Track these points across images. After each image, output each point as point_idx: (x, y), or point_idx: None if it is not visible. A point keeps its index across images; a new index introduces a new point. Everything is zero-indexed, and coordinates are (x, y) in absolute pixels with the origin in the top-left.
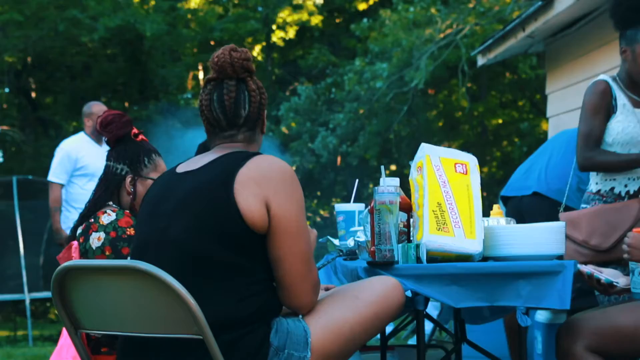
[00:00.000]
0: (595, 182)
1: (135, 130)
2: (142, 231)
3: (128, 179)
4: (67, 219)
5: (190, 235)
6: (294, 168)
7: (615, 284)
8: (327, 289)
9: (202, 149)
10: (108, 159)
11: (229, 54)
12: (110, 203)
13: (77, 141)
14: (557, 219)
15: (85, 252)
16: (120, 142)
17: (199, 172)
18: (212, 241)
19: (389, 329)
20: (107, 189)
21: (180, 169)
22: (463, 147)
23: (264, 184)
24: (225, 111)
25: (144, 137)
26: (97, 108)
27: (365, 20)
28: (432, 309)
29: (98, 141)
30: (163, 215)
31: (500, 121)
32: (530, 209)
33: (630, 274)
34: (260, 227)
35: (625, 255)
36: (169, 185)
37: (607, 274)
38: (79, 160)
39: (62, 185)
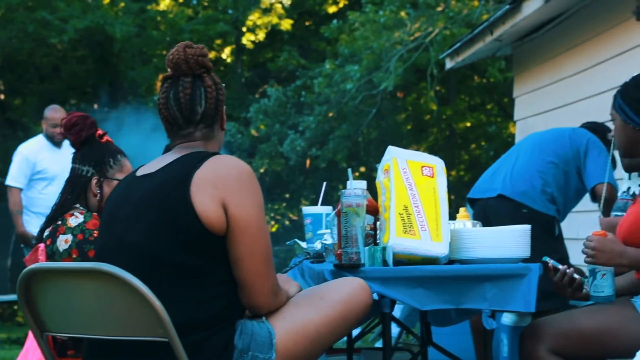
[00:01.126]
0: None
1: (100, 132)
2: (102, 237)
3: (94, 181)
4: (27, 223)
5: (149, 239)
6: (262, 170)
7: (585, 286)
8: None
9: (167, 150)
10: (73, 161)
11: (184, 51)
12: (78, 205)
13: (35, 144)
14: (521, 221)
15: (52, 255)
16: (85, 144)
17: (156, 175)
18: (171, 244)
19: (355, 331)
20: (74, 191)
21: (140, 172)
22: (431, 150)
23: (220, 185)
24: (181, 108)
25: (108, 139)
26: (53, 113)
27: (334, 21)
28: (397, 311)
29: (57, 144)
30: (121, 220)
31: (468, 124)
32: (495, 211)
33: (590, 277)
34: (218, 228)
35: (589, 259)
36: (128, 189)
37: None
38: (37, 164)
39: (20, 190)
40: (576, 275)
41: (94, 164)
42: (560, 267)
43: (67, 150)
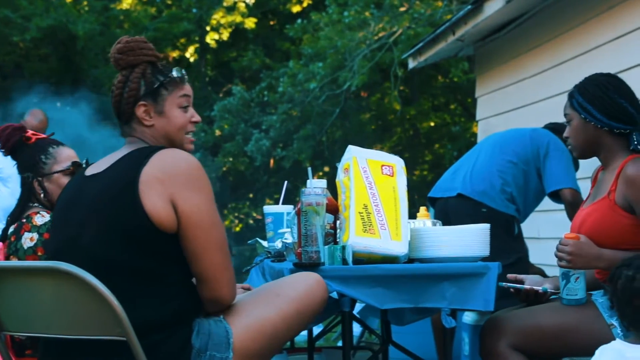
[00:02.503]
0: None
1: (27, 134)
2: (54, 239)
3: (35, 183)
4: None
5: (101, 242)
6: (225, 168)
7: (550, 291)
8: (243, 289)
9: None
10: (18, 171)
11: (116, 46)
12: (37, 204)
13: None
14: (480, 220)
15: (15, 252)
16: (16, 152)
17: (104, 174)
18: (123, 247)
19: (316, 330)
20: (24, 199)
21: (89, 171)
22: (395, 150)
23: (168, 182)
24: (112, 104)
25: (38, 135)
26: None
27: (299, 20)
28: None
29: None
30: (73, 223)
31: (432, 124)
32: (455, 210)
33: (563, 280)
34: (169, 226)
35: (563, 263)
36: (78, 190)
37: (530, 283)
38: None
39: None
40: (537, 288)
41: (29, 167)
42: (520, 286)
43: None
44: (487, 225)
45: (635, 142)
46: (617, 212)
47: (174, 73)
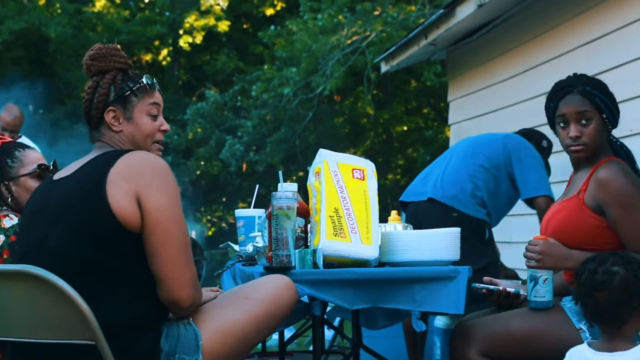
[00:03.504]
0: None
1: None
2: (21, 242)
3: (2, 187)
4: None
5: (69, 243)
6: (198, 172)
7: (522, 293)
8: (213, 292)
9: None
10: None
11: (87, 55)
12: (5, 207)
13: None
14: (451, 224)
15: None
16: None
17: (73, 177)
18: (92, 247)
19: (288, 334)
20: None
21: (57, 175)
22: (368, 154)
23: (133, 179)
24: (83, 110)
25: (4, 139)
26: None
27: (272, 27)
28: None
29: None
30: (40, 225)
31: (405, 128)
32: (426, 214)
33: (531, 283)
34: (134, 224)
35: (533, 263)
36: (45, 193)
37: (504, 285)
38: None
39: None
40: (510, 289)
41: None
42: (492, 287)
43: None
44: (457, 229)
45: (618, 143)
46: (585, 212)
47: (144, 80)
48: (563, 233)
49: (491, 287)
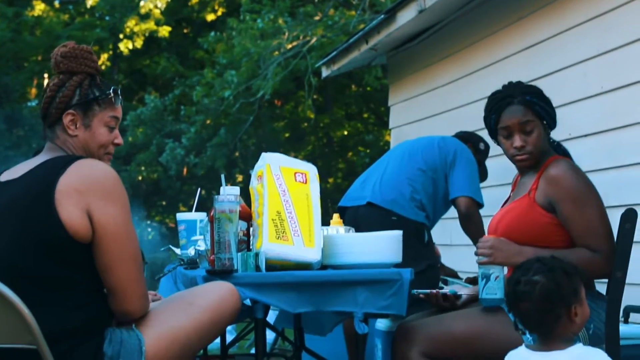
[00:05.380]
0: None
1: None
2: None
3: None
4: None
5: (13, 250)
6: (139, 178)
7: (459, 293)
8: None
9: (37, 154)
10: None
11: (58, 49)
12: None
13: None
14: (391, 228)
15: None
16: None
17: (19, 181)
18: (36, 255)
19: (230, 337)
20: None
21: (3, 177)
22: (309, 158)
23: (85, 192)
24: (41, 104)
25: None
26: None
27: (212, 33)
28: (273, 316)
29: None
30: None
31: (345, 132)
32: (365, 218)
33: (483, 280)
34: (84, 236)
35: (485, 259)
36: None
37: (448, 287)
38: None
39: None
40: (446, 291)
41: None
42: (428, 291)
43: None
44: (399, 232)
45: (556, 143)
46: (536, 210)
47: (111, 93)
48: (514, 232)
49: (427, 291)
